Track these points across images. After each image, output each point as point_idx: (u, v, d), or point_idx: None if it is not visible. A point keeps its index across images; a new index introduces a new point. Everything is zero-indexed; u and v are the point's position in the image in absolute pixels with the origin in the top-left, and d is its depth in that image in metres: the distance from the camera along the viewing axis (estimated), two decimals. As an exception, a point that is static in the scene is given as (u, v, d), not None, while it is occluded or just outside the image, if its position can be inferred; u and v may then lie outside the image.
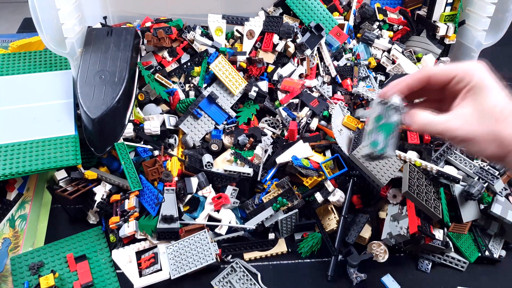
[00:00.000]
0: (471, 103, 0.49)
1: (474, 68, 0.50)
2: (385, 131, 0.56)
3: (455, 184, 0.82)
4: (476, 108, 0.49)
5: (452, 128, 0.50)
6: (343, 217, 0.81)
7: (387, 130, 0.56)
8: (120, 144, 0.86)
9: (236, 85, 0.96)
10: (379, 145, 0.56)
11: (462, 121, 0.49)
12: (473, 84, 0.49)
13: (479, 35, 1.00)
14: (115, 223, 0.79)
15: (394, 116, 0.56)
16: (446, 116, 0.51)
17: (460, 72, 0.50)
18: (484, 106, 0.48)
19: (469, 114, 0.49)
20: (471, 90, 0.49)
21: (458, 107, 0.51)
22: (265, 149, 0.90)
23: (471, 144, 0.50)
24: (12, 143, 0.83)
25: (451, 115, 0.50)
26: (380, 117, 0.56)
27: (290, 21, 1.05)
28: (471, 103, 0.49)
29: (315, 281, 0.78)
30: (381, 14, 1.12)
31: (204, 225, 0.80)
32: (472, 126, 0.49)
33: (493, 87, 0.49)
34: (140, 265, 0.77)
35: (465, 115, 0.49)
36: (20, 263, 0.77)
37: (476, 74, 0.49)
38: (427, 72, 0.53)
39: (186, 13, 1.07)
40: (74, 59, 0.91)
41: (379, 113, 0.57)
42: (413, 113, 0.54)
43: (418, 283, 0.78)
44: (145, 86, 0.95)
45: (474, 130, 0.48)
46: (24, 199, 0.88)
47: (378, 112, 0.57)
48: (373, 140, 0.56)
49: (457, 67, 0.51)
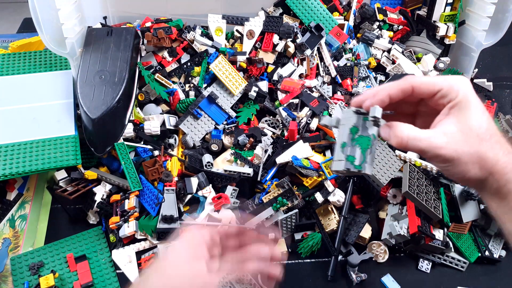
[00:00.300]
0: (455, 121, 0.46)
1: (459, 84, 0.47)
2: (362, 145, 0.50)
3: (455, 184, 0.82)
4: (461, 126, 0.46)
5: (437, 146, 0.45)
6: (343, 217, 0.81)
7: (364, 144, 0.50)
8: (120, 144, 0.86)
9: (236, 85, 0.96)
10: (355, 161, 0.49)
11: (447, 139, 0.45)
12: (458, 101, 0.46)
13: (479, 35, 1.00)
14: (115, 223, 0.79)
15: (371, 128, 0.50)
16: (430, 132, 0.47)
17: (445, 87, 0.47)
18: (469, 124, 0.45)
19: (455, 132, 0.46)
20: (455, 107, 0.46)
21: (442, 124, 0.47)
22: (265, 149, 0.90)
23: (454, 165, 0.46)
24: (12, 143, 0.83)
25: (435, 132, 0.46)
26: (355, 129, 0.50)
27: (290, 21, 1.05)
28: (455, 120, 0.46)
29: (315, 281, 0.78)
30: (381, 14, 1.12)
31: (204, 225, 0.80)
32: (458, 145, 0.45)
33: (478, 106, 0.46)
34: (140, 265, 0.77)
35: (450, 133, 0.46)
36: (20, 263, 0.77)
37: (461, 90, 0.46)
38: (411, 82, 0.48)
39: (186, 13, 1.07)
40: (74, 59, 0.91)
41: (354, 124, 0.50)
42: (394, 125, 0.48)
43: (418, 283, 0.78)
44: (145, 86, 0.95)
45: (460, 149, 0.45)
46: (24, 199, 0.88)
47: (353, 123, 0.51)
48: (349, 155, 0.50)
49: (442, 81, 0.47)
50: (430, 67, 1.05)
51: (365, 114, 0.50)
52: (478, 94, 0.73)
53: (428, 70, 1.04)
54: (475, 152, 0.45)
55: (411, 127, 0.47)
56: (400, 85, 0.49)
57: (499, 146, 0.46)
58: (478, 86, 1.10)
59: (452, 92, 0.46)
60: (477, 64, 1.09)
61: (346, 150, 0.50)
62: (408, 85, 0.48)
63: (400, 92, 0.48)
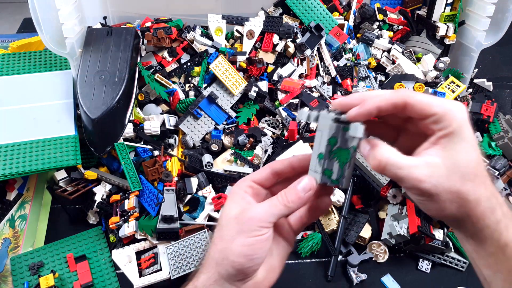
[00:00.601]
0: (442, 154, 0.42)
1: (455, 112, 0.42)
2: (341, 159, 0.45)
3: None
4: (447, 161, 0.41)
5: (418, 178, 0.41)
6: (343, 217, 0.81)
7: (342, 157, 0.45)
8: (120, 144, 0.86)
9: (236, 85, 0.96)
10: (333, 175, 0.46)
11: (430, 173, 0.41)
12: (450, 131, 0.42)
13: (479, 35, 1.00)
14: (115, 223, 0.79)
15: (351, 140, 0.45)
16: (412, 160, 0.42)
17: (440, 112, 0.42)
18: (456, 160, 0.41)
19: (440, 166, 0.41)
20: (446, 137, 0.42)
21: (428, 154, 0.43)
22: (265, 149, 0.90)
23: (430, 201, 0.42)
24: (12, 143, 0.83)
25: (418, 162, 0.42)
26: (334, 140, 0.45)
27: (290, 21, 1.05)
28: (442, 153, 0.42)
29: (315, 281, 0.78)
30: (381, 14, 1.12)
31: (204, 225, 0.80)
32: (440, 180, 0.41)
33: (470, 141, 0.42)
34: (140, 265, 0.77)
35: (435, 166, 0.41)
36: (20, 263, 0.77)
37: (456, 119, 0.42)
38: (405, 98, 0.43)
39: (186, 13, 1.07)
40: (74, 59, 0.91)
41: (333, 135, 0.45)
42: (375, 145, 0.44)
43: (418, 283, 0.78)
44: (145, 86, 0.95)
45: (440, 186, 0.41)
46: (24, 199, 0.88)
47: (332, 133, 0.45)
48: (326, 168, 0.46)
49: (437, 105, 0.42)
50: (430, 67, 1.05)
51: (345, 124, 0.45)
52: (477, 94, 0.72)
53: (428, 70, 1.04)
54: (456, 191, 0.41)
55: (393, 151, 0.43)
56: (392, 99, 0.44)
57: (483, 188, 0.42)
58: (478, 86, 1.10)
59: (446, 120, 0.42)
60: (477, 64, 1.09)
61: (323, 163, 0.46)
62: (402, 101, 0.43)
63: (391, 106, 0.44)
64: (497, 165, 0.87)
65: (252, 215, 0.46)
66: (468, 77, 1.07)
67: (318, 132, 0.47)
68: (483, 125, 0.97)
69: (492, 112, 0.96)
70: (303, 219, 0.52)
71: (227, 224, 0.48)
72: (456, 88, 1.02)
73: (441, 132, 0.42)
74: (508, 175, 0.87)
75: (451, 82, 1.03)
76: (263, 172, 0.51)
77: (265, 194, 0.52)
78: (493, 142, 0.93)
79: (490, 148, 0.92)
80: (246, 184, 0.51)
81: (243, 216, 0.47)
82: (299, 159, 0.50)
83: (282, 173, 0.51)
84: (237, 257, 0.46)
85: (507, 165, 0.88)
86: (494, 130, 0.95)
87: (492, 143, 0.93)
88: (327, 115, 0.46)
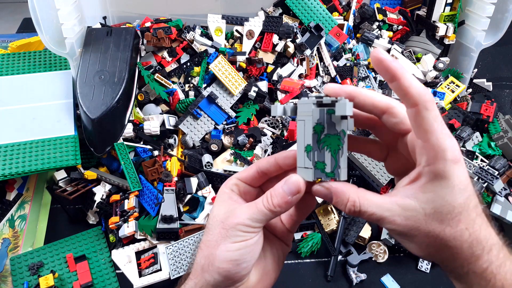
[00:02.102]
0: (422, 197, 0.37)
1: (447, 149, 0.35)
2: (332, 146, 0.39)
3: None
4: (427, 205, 0.37)
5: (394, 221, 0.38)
6: (343, 217, 0.81)
7: (333, 144, 0.39)
8: (119, 144, 0.86)
9: (235, 85, 0.96)
10: (326, 167, 0.40)
11: (406, 217, 0.37)
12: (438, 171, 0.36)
13: (479, 35, 1.01)
14: (115, 223, 0.79)
15: (339, 123, 0.39)
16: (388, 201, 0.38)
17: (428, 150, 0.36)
18: (438, 206, 0.37)
19: (417, 210, 0.37)
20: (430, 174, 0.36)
21: (405, 193, 0.38)
22: (265, 149, 0.90)
23: (409, 241, 0.39)
24: (12, 143, 0.83)
25: (392, 205, 0.38)
26: (320, 127, 0.39)
27: (289, 21, 1.05)
28: (423, 196, 0.37)
29: (315, 281, 0.78)
30: (380, 14, 1.12)
31: (204, 225, 0.80)
32: (416, 225, 0.37)
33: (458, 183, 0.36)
34: (140, 265, 0.77)
35: (411, 210, 0.37)
36: (20, 263, 0.77)
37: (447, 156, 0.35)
38: (392, 104, 0.39)
39: (186, 13, 1.07)
40: (73, 59, 0.91)
41: (318, 121, 0.39)
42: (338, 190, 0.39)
43: (418, 283, 0.78)
44: (145, 86, 0.95)
45: (417, 230, 0.37)
46: (23, 199, 0.88)
47: (316, 119, 0.39)
48: (317, 161, 0.40)
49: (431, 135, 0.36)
50: (429, 67, 1.05)
51: (329, 106, 0.39)
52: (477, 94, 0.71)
53: (427, 70, 1.05)
54: (434, 237, 0.37)
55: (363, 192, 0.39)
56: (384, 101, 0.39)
57: (467, 235, 0.37)
58: (477, 86, 1.10)
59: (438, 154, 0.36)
60: (477, 64, 1.09)
61: (313, 155, 0.40)
62: (385, 105, 0.39)
63: (371, 105, 0.40)
64: (496, 165, 0.87)
65: (237, 221, 0.43)
66: (467, 77, 1.07)
67: (300, 122, 0.41)
68: (483, 125, 0.97)
69: (491, 112, 0.96)
70: (293, 217, 0.49)
71: (213, 228, 0.45)
72: (456, 88, 1.02)
73: (429, 168, 0.36)
74: (508, 175, 0.87)
75: (450, 82, 1.03)
76: (250, 171, 0.48)
77: (255, 191, 0.49)
78: (492, 142, 0.93)
79: (489, 148, 0.92)
80: (233, 182, 0.48)
81: (229, 221, 0.43)
82: (284, 156, 0.45)
83: (269, 172, 0.47)
84: (223, 263, 0.42)
85: (507, 165, 0.88)
86: (494, 130, 0.95)
87: (492, 143, 0.93)
88: (306, 101, 0.40)
